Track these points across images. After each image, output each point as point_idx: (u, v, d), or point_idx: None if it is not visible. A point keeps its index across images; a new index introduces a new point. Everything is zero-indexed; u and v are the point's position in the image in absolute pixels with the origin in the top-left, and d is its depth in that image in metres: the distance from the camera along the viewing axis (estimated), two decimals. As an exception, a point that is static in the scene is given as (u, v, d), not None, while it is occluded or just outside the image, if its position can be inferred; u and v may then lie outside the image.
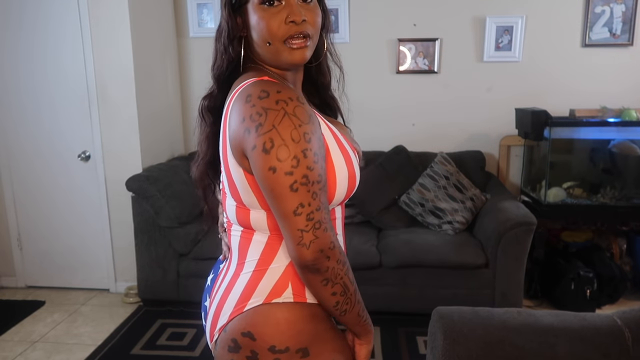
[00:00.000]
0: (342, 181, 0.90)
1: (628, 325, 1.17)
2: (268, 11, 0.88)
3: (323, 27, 0.98)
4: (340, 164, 0.90)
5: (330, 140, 0.91)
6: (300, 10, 0.88)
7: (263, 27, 0.89)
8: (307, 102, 0.88)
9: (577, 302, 2.79)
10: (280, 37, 0.89)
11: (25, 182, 3.16)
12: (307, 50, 0.91)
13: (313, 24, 0.91)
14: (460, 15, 3.27)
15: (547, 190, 2.94)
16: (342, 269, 0.87)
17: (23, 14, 2.94)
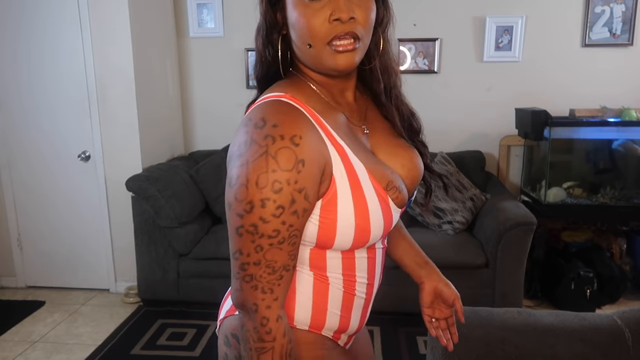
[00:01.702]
0: (373, 223, 0.81)
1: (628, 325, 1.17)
2: (310, 6, 0.75)
3: (380, 22, 0.84)
4: (372, 211, 0.79)
5: (352, 181, 0.78)
6: (348, 5, 0.74)
7: (303, 25, 0.76)
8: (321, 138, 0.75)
9: (577, 302, 2.79)
10: (322, 38, 0.76)
11: (25, 182, 3.16)
12: (356, 54, 0.78)
13: (364, 22, 0.77)
14: (460, 15, 3.27)
15: (547, 190, 2.94)
16: (253, 342, 0.76)
17: (23, 14, 2.94)
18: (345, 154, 0.79)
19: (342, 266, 0.86)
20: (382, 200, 0.80)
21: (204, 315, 2.79)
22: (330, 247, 0.82)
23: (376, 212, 0.79)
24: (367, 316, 0.98)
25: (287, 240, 0.74)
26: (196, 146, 3.58)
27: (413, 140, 0.92)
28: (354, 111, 0.87)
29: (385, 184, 0.81)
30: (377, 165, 0.83)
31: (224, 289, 1.74)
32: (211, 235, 2.89)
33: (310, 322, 0.88)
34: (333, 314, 0.89)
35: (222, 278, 2.85)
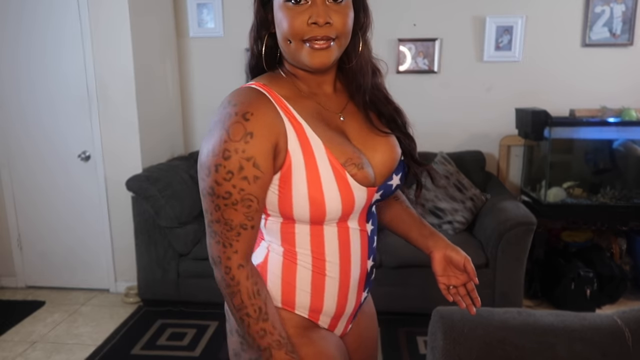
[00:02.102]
0: (328, 201, 0.87)
1: (628, 325, 1.17)
2: (293, 9, 0.85)
3: (361, 27, 0.94)
4: (325, 185, 0.86)
5: (307, 156, 0.87)
6: (325, 11, 0.84)
7: (285, 25, 0.86)
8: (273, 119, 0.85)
9: (577, 302, 2.79)
10: (300, 36, 0.85)
11: (25, 182, 3.16)
12: (331, 53, 0.87)
13: (340, 26, 0.86)
14: (460, 15, 3.27)
15: (547, 190, 2.94)
16: (224, 289, 0.89)
17: (23, 14, 2.94)
18: (303, 131, 0.87)
19: (311, 243, 0.92)
20: (339, 174, 0.87)
21: (204, 315, 2.79)
22: (291, 218, 0.90)
23: (330, 185, 0.86)
24: (349, 301, 0.99)
25: (240, 203, 0.84)
26: (196, 146, 3.58)
27: (396, 132, 0.98)
28: (332, 101, 0.96)
29: (344, 160, 0.88)
30: (339, 143, 0.89)
31: None
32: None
33: (281, 299, 0.95)
34: (302, 292, 0.94)
35: (222, 278, 2.85)
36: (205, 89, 3.54)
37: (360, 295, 1.02)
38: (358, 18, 0.92)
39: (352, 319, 1.05)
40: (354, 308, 1.02)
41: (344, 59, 0.95)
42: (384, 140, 0.96)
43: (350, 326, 1.06)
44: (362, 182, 0.89)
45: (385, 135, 0.97)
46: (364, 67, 0.95)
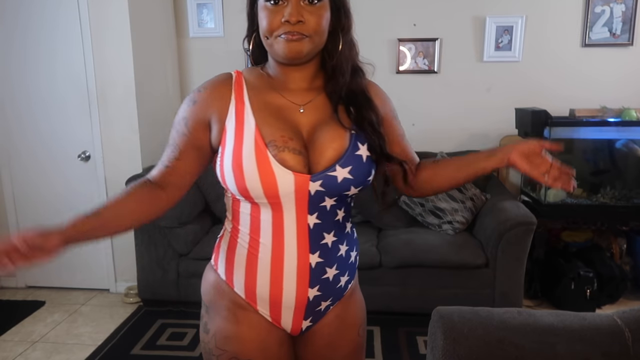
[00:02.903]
0: (246, 176, 0.95)
1: (628, 325, 1.17)
2: (271, 9, 0.93)
3: (342, 28, 1.00)
4: (245, 160, 0.95)
5: (237, 133, 0.97)
6: (299, 11, 0.91)
7: (264, 23, 0.95)
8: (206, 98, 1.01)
9: (577, 302, 2.79)
10: (275, 32, 0.94)
11: (25, 182, 3.16)
12: (303, 45, 0.93)
13: (313, 25, 0.93)
14: (460, 15, 3.27)
15: (547, 190, 2.94)
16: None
17: (23, 14, 2.94)
18: (242, 110, 0.98)
19: (250, 222, 1.00)
20: (260, 152, 0.94)
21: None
22: (227, 188, 1.00)
23: (249, 162, 0.94)
24: (285, 290, 1.01)
25: (170, 146, 1.05)
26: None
27: (367, 130, 1.01)
28: (299, 95, 1.02)
29: (269, 140, 0.95)
30: (272, 126, 0.97)
31: None
32: (211, 235, 2.89)
33: (225, 274, 1.06)
34: (239, 269, 1.03)
35: (222, 278, 2.84)
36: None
37: (305, 290, 1.01)
38: (339, 19, 0.99)
39: (302, 317, 1.05)
40: (298, 302, 1.02)
41: (325, 57, 1.01)
42: (334, 133, 0.99)
43: (307, 324, 1.07)
44: (285, 164, 0.94)
45: (340, 128, 1.00)
46: (343, 65, 1.00)
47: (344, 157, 0.97)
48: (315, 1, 0.93)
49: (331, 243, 1.02)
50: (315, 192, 0.96)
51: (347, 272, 1.07)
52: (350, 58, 1.02)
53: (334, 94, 1.02)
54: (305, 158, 0.96)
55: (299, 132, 0.99)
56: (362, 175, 0.99)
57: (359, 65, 1.06)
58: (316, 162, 0.97)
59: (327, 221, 1.00)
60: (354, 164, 0.98)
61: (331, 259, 1.02)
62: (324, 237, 1.01)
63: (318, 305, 1.05)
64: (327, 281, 1.03)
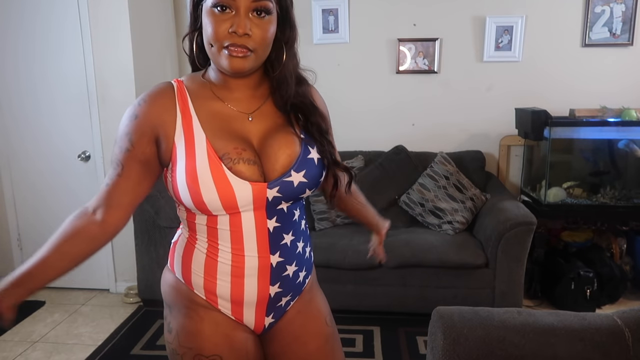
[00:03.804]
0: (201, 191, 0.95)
1: (628, 325, 1.17)
2: (217, 16, 0.91)
3: (287, 41, 1.00)
4: (200, 176, 0.94)
5: (187, 147, 0.96)
6: (246, 23, 0.90)
7: (209, 30, 0.92)
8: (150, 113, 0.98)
9: (577, 302, 2.79)
10: (220, 42, 0.92)
11: (25, 182, 3.16)
12: (247, 62, 0.93)
13: (259, 39, 0.93)
14: (460, 15, 3.27)
15: (547, 190, 2.94)
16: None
17: (23, 14, 2.94)
18: (191, 124, 0.96)
19: (207, 231, 1.01)
20: (215, 166, 0.93)
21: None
22: (181, 203, 1.00)
23: (205, 176, 0.93)
24: (246, 288, 1.03)
25: (112, 164, 0.99)
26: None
27: (315, 137, 1.04)
28: (245, 103, 1.02)
29: (222, 153, 0.95)
30: (223, 139, 0.96)
31: None
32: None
33: (183, 277, 1.07)
34: (196, 274, 1.04)
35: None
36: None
37: (266, 287, 1.03)
38: (284, 32, 0.99)
39: (264, 313, 1.07)
40: (259, 298, 1.04)
41: (268, 68, 1.02)
42: (285, 139, 1.01)
43: (270, 321, 1.09)
44: (241, 175, 0.95)
45: (292, 138, 1.02)
46: (287, 77, 1.01)
47: (298, 162, 1.00)
48: (263, 15, 0.93)
49: (290, 242, 1.05)
50: (273, 198, 0.98)
51: (305, 268, 1.10)
52: (293, 69, 1.03)
53: (282, 105, 1.03)
54: (260, 167, 0.98)
55: (249, 141, 0.99)
56: (315, 178, 1.02)
57: (301, 74, 1.07)
58: (271, 169, 0.99)
59: (286, 222, 1.03)
60: (307, 167, 1.00)
61: (290, 257, 1.05)
62: (284, 238, 1.03)
63: (279, 301, 1.07)
64: (287, 278, 1.06)
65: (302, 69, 1.07)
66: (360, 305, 2.73)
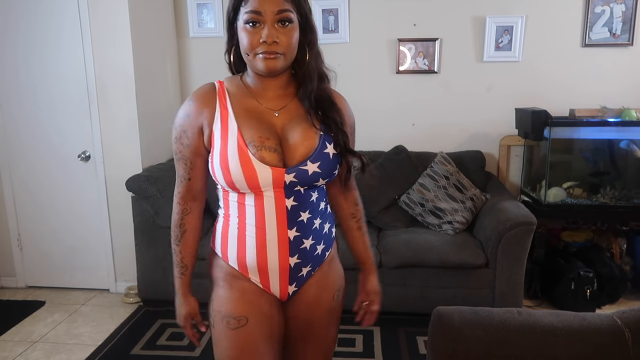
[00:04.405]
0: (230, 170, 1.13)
1: (628, 325, 1.17)
2: (250, 31, 1.10)
3: (308, 43, 1.18)
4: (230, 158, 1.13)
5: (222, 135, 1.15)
6: (273, 33, 1.08)
7: (245, 42, 1.11)
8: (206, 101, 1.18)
9: (577, 302, 2.79)
10: (254, 51, 1.11)
11: (25, 182, 3.16)
12: (278, 62, 1.11)
13: (285, 44, 1.10)
14: (460, 15, 3.27)
15: (547, 190, 2.94)
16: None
17: (23, 14, 2.94)
18: (227, 116, 1.16)
19: (237, 209, 1.19)
20: (241, 151, 1.12)
21: (203, 315, 2.78)
22: (217, 182, 1.18)
23: (233, 158, 1.12)
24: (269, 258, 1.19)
25: (180, 160, 1.22)
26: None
27: (332, 127, 1.19)
28: (274, 101, 1.19)
29: (249, 141, 1.13)
30: (252, 129, 1.14)
31: None
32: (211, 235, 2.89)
33: (221, 251, 1.26)
34: (232, 246, 1.22)
35: (222, 278, 2.83)
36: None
37: (286, 258, 1.19)
38: (305, 36, 1.16)
39: (287, 282, 1.22)
40: (281, 268, 1.20)
41: (296, 68, 1.19)
42: (306, 133, 1.17)
43: (293, 289, 1.24)
44: (263, 160, 1.12)
45: (312, 130, 1.17)
46: (311, 73, 1.18)
47: (314, 154, 1.15)
48: (286, 24, 1.10)
49: (306, 219, 1.19)
50: (290, 182, 1.14)
51: (323, 242, 1.25)
52: (316, 66, 1.20)
53: (305, 98, 1.19)
54: (280, 154, 1.14)
55: (274, 132, 1.16)
56: (328, 170, 1.17)
57: (324, 72, 1.23)
58: (291, 157, 1.15)
59: (303, 202, 1.18)
60: (322, 160, 1.16)
61: (307, 232, 1.20)
62: (300, 215, 1.18)
63: (299, 272, 1.22)
64: (305, 250, 1.21)
65: (326, 68, 1.23)
66: (360, 305, 2.73)
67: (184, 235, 1.31)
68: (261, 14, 1.09)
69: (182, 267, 1.32)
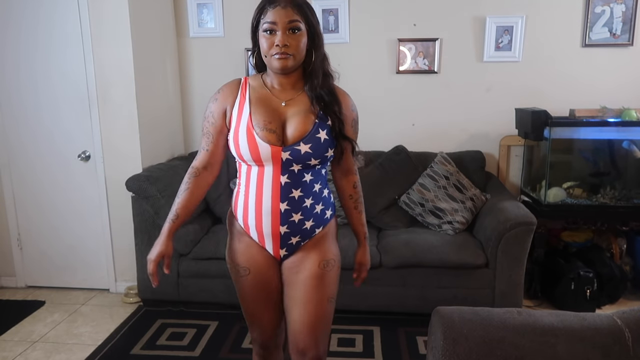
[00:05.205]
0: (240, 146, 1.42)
1: (628, 325, 1.17)
2: (267, 37, 1.38)
3: (316, 46, 1.43)
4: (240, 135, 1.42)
5: (238, 117, 1.44)
6: (284, 38, 1.36)
7: (264, 46, 1.39)
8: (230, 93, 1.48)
9: (577, 302, 2.79)
10: (270, 53, 1.38)
11: (25, 182, 3.16)
12: (289, 61, 1.38)
13: (295, 47, 1.37)
14: (460, 15, 3.27)
15: (547, 190, 2.94)
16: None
17: (23, 14, 2.94)
18: (244, 103, 1.45)
19: (245, 179, 1.48)
20: (249, 130, 1.40)
21: (204, 315, 2.79)
22: (233, 155, 1.46)
23: (242, 136, 1.41)
24: (264, 223, 1.47)
25: (205, 134, 1.50)
26: (196, 146, 3.58)
27: (331, 115, 1.44)
28: (284, 93, 1.46)
29: (255, 124, 1.41)
30: (261, 115, 1.42)
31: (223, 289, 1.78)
32: (211, 235, 2.89)
33: (235, 213, 1.55)
34: (239, 210, 1.51)
35: (221, 278, 2.85)
36: (205, 89, 3.54)
37: (277, 226, 1.46)
38: (313, 41, 1.42)
39: (279, 246, 1.49)
40: (273, 233, 1.47)
41: (305, 67, 1.45)
42: (303, 120, 1.42)
43: (284, 253, 1.51)
44: (264, 139, 1.39)
45: (308, 117, 1.42)
46: (316, 71, 1.44)
47: (307, 137, 1.41)
48: (296, 31, 1.37)
49: (297, 197, 1.45)
50: (286, 159, 1.40)
51: (312, 219, 1.49)
52: (321, 66, 1.45)
53: (310, 91, 1.44)
54: (279, 136, 1.41)
55: (279, 118, 1.43)
56: (318, 151, 1.41)
57: (329, 71, 1.47)
58: (288, 138, 1.41)
59: (295, 181, 1.43)
60: (313, 142, 1.41)
61: (296, 208, 1.45)
62: (292, 192, 1.44)
63: (289, 239, 1.49)
64: (293, 223, 1.47)
65: (331, 69, 1.48)
66: (360, 305, 2.73)
67: (185, 192, 1.50)
68: (276, 24, 1.36)
69: (175, 215, 1.49)
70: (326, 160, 1.45)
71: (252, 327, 1.61)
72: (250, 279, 1.52)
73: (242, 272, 1.53)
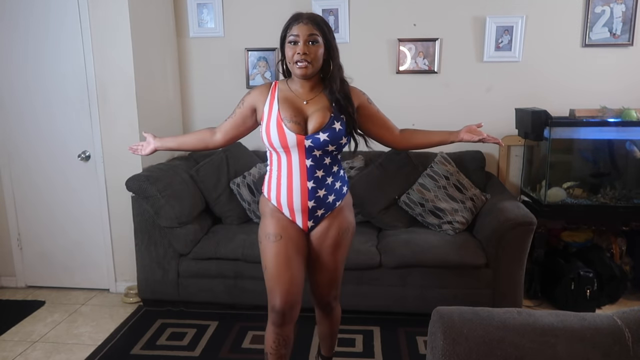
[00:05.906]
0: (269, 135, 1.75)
1: (628, 325, 1.17)
2: (291, 47, 1.71)
3: (332, 56, 1.76)
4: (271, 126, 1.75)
5: (269, 113, 1.77)
6: (304, 48, 1.68)
7: (289, 54, 1.72)
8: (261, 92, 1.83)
9: (577, 302, 2.79)
10: (292, 61, 1.71)
11: (25, 182, 3.16)
12: (308, 69, 1.71)
13: (313, 56, 1.70)
14: (460, 15, 3.27)
15: (547, 190, 2.94)
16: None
17: (23, 14, 2.94)
18: (273, 102, 1.78)
19: (277, 164, 1.80)
20: (279, 123, 1.73)
21: (204, 315, 2.79)
22: (266, 145, 1.78)
23: (273, 127, 1.73)
24: (294, 200, 1.78)
25: (232, 114, 1.88)
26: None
27: (346, 116, 1.77)
28: (305, 94, 1.79)
29: (283, 117, 1.73)
30: (288, 111, 1.74)
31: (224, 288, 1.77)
32: (211, 235, 2.89)
33: (267, 194, 1.85)
34: (272, 191, 1.82)
35: (222, 278, 2.84)
36: (205, 88, 3.54)
37: (306, 201, 1.78)
38: (329, 52, 1.74)
39: (307, 218, 1.81)
40: (303, 208, 1.78)
41: (323, 75, 1.79)
42: (322, 115, 1.74)
43: (311, 224, 1.83)
44: (291, 129, 1.72)
45: (326, 113, 1.75)
46: (335, 78, 1.76)
47: (325, 127, 1.73)
48: (314, 43, 1.69)
49: (321, 176, 1.78)
50: (308, 146, 1.73)
51: (333, 194, 1.82)
52: (339, 74, 1.78)
53: (331, 96, 1.77)
54: (303, 127, 1.74)
55: (302, 113, 1.75)
56: (334, 138, 1.74)
57: (344, 78, 1.80)
58: (310, 129, 1.73)
59: (318, 163, 1.76)
60: (330, 131, 1.73)
61: (321, 185, 1.78)
62: (316, 172, 1.77)
63: (315, 212, 1.81)
64: (319, 198, 1.79)
65: (346, 76, 1.81)
66: (360, 305, 2.73)
67: (192, 133, 2.01)
68: (298, 36, 1.69)
69: (175, 137, 2.05)
70: (341, 146, 1.78)
71: (274, 292, 1.74)
72: (283, 242, 1.77)
73: (274, 238, 1.77)
